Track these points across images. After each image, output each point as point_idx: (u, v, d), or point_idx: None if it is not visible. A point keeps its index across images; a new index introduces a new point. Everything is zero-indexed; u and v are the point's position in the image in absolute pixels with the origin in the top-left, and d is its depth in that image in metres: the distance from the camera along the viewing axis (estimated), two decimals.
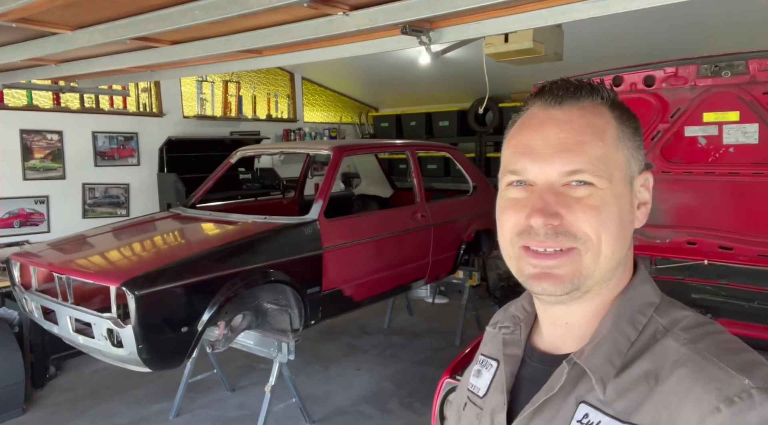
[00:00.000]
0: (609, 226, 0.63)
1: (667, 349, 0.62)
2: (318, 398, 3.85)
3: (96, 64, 2.59)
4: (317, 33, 1.83)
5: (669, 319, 0.65)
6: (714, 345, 0.60)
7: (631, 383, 0.61)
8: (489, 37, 2.58)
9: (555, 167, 0.64)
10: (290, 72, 6.87)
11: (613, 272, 0.66)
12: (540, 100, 0.69)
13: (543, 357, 0.73)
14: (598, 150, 0.64)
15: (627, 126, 0.68)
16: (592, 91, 0.67)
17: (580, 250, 0.63)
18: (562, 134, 0.65)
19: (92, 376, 4.24)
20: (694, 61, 1.73)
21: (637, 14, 3.93)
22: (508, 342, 0.77)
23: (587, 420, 0.62)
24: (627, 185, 0.66)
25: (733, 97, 1.75)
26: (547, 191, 0.64)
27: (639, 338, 0.64)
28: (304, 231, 3.18)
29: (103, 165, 5.05)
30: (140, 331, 2.37)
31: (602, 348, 0.64)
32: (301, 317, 3.15)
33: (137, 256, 2.92)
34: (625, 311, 0.66)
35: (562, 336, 0.71)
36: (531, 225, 0.64)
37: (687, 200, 1.97)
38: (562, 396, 0.66)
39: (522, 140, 0.68)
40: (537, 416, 0.67)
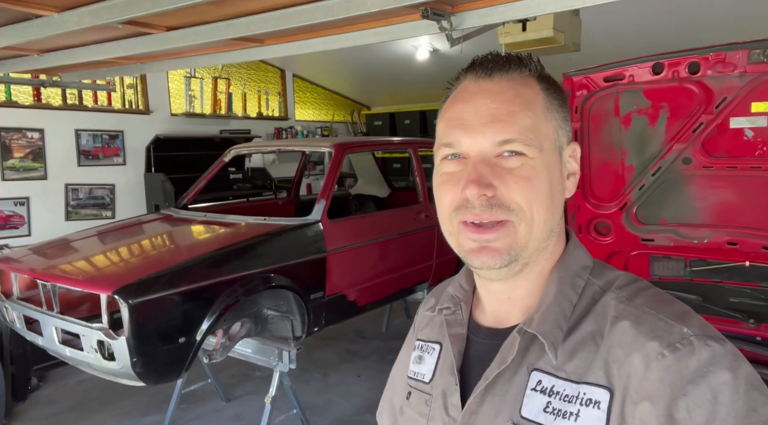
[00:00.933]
0: (540, 196, 0.65)
1: (607, 307, 0.64)
2: (319, 407, 3.68)
3: (83, 54, 2.37)
4: (333, 15, 1.67)
5: (604, 280, 0.68)
6: (649, 299, 0.64)
7: (578, 344, 0.63)
8: (506, 26, 2.43)
9: (487, 137, 0.65)
10: (281, 69, 6.68)
11: (547, 241, 0.68)
12: (471, 74, 0.70)
13: (489, 332, 0.73)
14: (528, 120, 0.65)
15: (554, 97, 0.69)
16: (521, 63, 0.69)
17: (514, 222, 0.64)
18: (493, 104, 0.66)
19: (78, 387, 4.01)
20: (745, 45, 1.60)
21: (646, 10, 3.83)
22: (451, 323, 0.77)
23: (541, 386, 0.64)
24: (556, 155, 0.68)
25: None
26: (480, 162, 0.65)
27: (579, 301, 0.67)
28: (307, 233, 3.00)
29: (86, 165, 4.80)
30: (134, 343, 2.18)
31: (550, 313, 0.66)
32: (304, 324, 2.97)
33: (129, 261, 2.72)
34: (566, 276, 0.69)
35: (506, 309, 0.72)
36: (467, 198, 0.65)
37: (729, 197, 1.85)
38: (513, 367, 0.66)
39: (455, 112, 0.69)
40: (490, 391, 0.67)
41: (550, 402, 0.62)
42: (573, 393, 0.61)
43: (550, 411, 0.62)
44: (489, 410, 0.67)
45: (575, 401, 0.61)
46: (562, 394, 0.62)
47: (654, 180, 2.06)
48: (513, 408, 0.65)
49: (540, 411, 0.63)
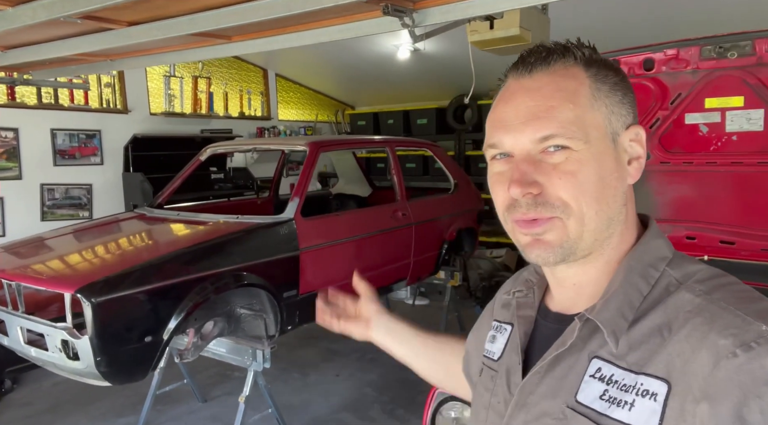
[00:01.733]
0: (587, 188, 0.64)
1: (681, 301, 0.62)
2: (296, 407, 3.66)
3: (46, 50, 2.35)
4: (290, 9, 1.66)
5: (682, 272, 0.65)
6: (730, 294, 0.60)
7: (643, 336, 0.62)
8: (474, 24, 2.44)
9: (527, 135, 0.65)
10: (263, 68, 6.65)
11: (607, 230, 0.66)
12: (514, 72, 0.70)
13: (556, 317, 0.74)
14: (569, 112, 0.64)
15: (603, 82, 0.67)
16: (565, 52, 0.67)
17: (561, 218, 0.64)
18: (531, 102, 0.66)
19: (52, 389, 3.97)
20: (696, 41, 1.62)
21: (619, 8, 3.85)
22: (522, 305, 0.79)
23: (600, 374, 0.63)
24: (608, 143, 0.66)
25: (737, 80, 1.65)
26: (523, 161, 0.65)
27: (651, 292, 0.65)
28: (280, 231, 2.99)
29: (63, 164, 4.75)
30: (98, 342, 2.15)
31: (613, 302, 0.65)
32: (277, 323, 2.96)
33: (96, 260, 2.69)
34: (636, 265, 0.67)
35: (572, 296, 0.72)
36: (514, 197, 0.65)
37: (686, 193, 1.86)
38: (574, 352, 0.66)
39: (497, 113, 0.69)
40: (550, 372, 0.68)
41: (608, 390, 0.62)
42: (631, 382, 0.60)
43: (606, 398, 0.61)
44: (546, 391, 0.67)
45: (632, 391, 0.60)
46: (620, 383, 0.61)
47: None
48: (569, 392, 0.65)
49: (596, 398, 0.62)
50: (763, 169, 1.71)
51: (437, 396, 1.64)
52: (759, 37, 1.53)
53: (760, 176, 1.73)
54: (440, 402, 1.64)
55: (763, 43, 1.53)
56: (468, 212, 4.60)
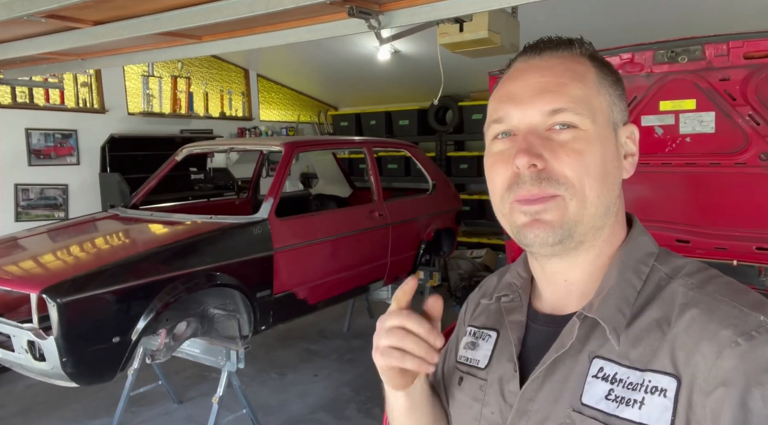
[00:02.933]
0: (592, 169, 0.63)
1: (675, 294, 0.62)
2: (272, 407, 3.66)
3: (12, 49, 2.33)
4: (253, 10, 1.67)
5: (671, 267, 0.66)
6: (721, 286, 0.61)
7: (642, 331, 0.61)
8: (443, 27, 2.47)
9: (537, 108, 0.65)
10: (245, 68, 6.63)
11: (603, 218, 0.66)
12: (522, 56, 0.71)
13: (547, 319, 0.72)
14: (579, 91, 0.65)
15: (607, 74, 0.69)
16: (571, 44, 0.69)
17: (564, 196, 0.63)
18: (542, 78, 0.66)
19: (25, 392, 3.92)
20: (650, 46, 1.66)
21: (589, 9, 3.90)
22: (510, 310, 0.76)
23: (603, 374, 0.62)
24: (611, 130, 0.67)
25: (689, 84, 1.70)
26: (530, 134, 0.64)
27: (644, 287, 0.65)
28: (253, 231, 2.99)
29: (38, 164, 4.70)
30: (64, 343, 2.14)
31: (612, 298, 0.64)
32: (251, 323, 2.96)
33: (65, 260, 2.67)
34: (629, 261, 0.66)
35: (564, 295, 0.71)
36: (517, 173, 0.64)
37: (643, 193, 1.91)
38: (573, 354, 0.65)
39: (505, 89, 0.69)
40: (549, 377, 0.66)
41: (613, 390, 0.60)
42: (637, 380, 0.59)
43: (612, 398, 0.60)
44: (548, 396, 0.65)
45: (640, 389, 0.59)
46: (625, 382, 0.60)
47: None
48: (573, 395, 0.63)
49: (601, 398, 0.61)
50: (714, 170, 1.76)
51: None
52: (708, 42, 1.58)
53: (712, 177, 1.78)
54: None
55: (713, 47, 1.58)
56: (446, 212, 4.63)
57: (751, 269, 1.80)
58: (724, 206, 1.81)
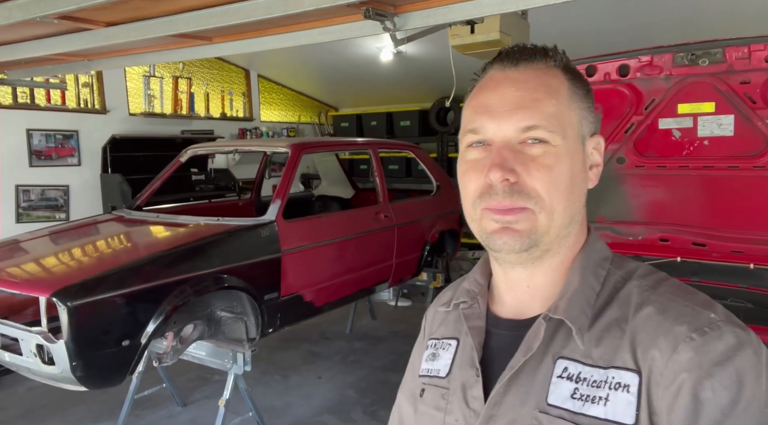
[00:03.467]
0: (560, 184, 0.66)
1: (630, 295, 0.66)
2: (277, 410, 3.64)
3: (22, 50, 2.30)
4: (270, 13, 1.66)
5: (625, 270, 0.70)
6: (671, 288, 0.66)
7: (603, 331, 0.64)
8: (455, 28, 2.46)
9: (512, 123, 0.66)
10: (245, 69, 6.61)
11: (568, 228, 0.69)
12: (497, 64, 0.71)
13: (510, 324, 0.73)
14: (552, 108, 0.66)
15: (579, 88, 0.70)
16: (546, 54, 0.70)
17: (534, 210, 0.65)
18: (518, 92, 0.67)
19: (27, 394, 3.89)
20: (669, 49, 1.66)
21: (597, 13, 3.91)
22: (469, 316, 0.77)
23: (567, 373, 0.64)
24: (579, 144, 0.69)
25: (708, 87, 1.69)
26: (504, 148, 0.66)
27: (602, 290, 0.68)
28: (261, 233, 2.97)
29: (39, 165, 4.66)
30: (74, 346, 2.12)
31: (576, 300, 0.67)
32: (258, 326, 2.94)
33: (73, 263, 2.65)
34: (588, 265, 0.70)
35: (526, 299, 0.72)
36: (490, 184, 0.66)
37: (660, 196, 1.91)
38: (537, 356, 0.67)
39: (481, 100, 0.70)
40: (515, 381, 0.67)
41: (578, 389, 0.62)
42: (601, 378, 0.61)
43: (577, 397, 0.62)
44: (513, 400, 0.67)
45: (604, 386, 0.61)
46: (589, 380, 0.62)
47: None
48: (539, 396, 0.65)
49: (567, 397, 0.63)
50: (732, 173, 1.76)
51: None
52: (729, 44, 1.58)
53: (730, 180, 1.78)
54: None
55: (734, 50, 1.58)
56: (450, 213, 4.63)
57: (767, 273, 1.81)
58: (742, 209, 1.81)
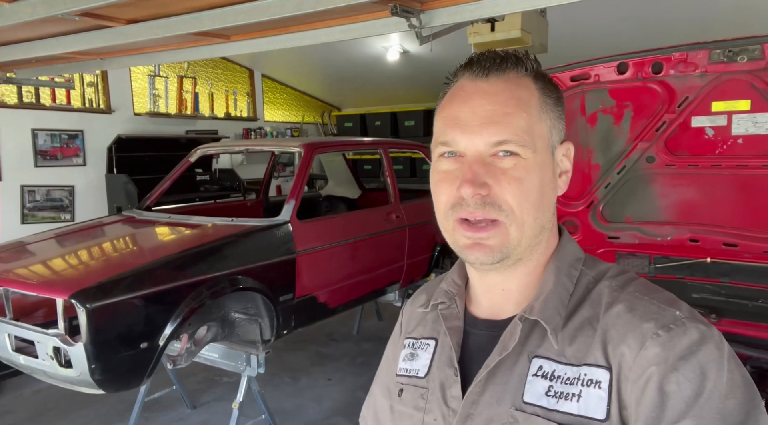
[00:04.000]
0: (531, 196, 0.67)
1: (601, 295, 0.68)
2: (288, 412, 3.61)
3: (39, 48, 2.26)
4: (300, 9, 1.63)
5: (596, 271, 0.72)
6: (639, 287, 0.68)
7: (576, 330, 0.66)
8: (475, 26, 2.44)
9: (483, 138, 0.67)
10: (249, 69, 6.58)
11: (539, 237, 0.71)
12: (468, 72, 0.70)
13: (486, 324, 0.75)
14: (522, 121, 0.67)
15: (549, 97, 0.71)
16: (517, 62, 0.69)
17: (505, 222, 0.67)
18: (489, 106, 0.67)
19: (34, 397, 3.84)
20: (706, 45, 1.64)
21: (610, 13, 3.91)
22: (447, 316, 0.79)
23: (542, 372, 0.66)
24: (549, 154, 0.70)
25: (745, 84, 1.67)
26: (475, 162, 0.67)
27: (575, 290, 0.70)
28: (276, 234, 2.94)
29: (44, 165, 4.61)
30: (92, 349, 2.08)
31: (551, 301, 0.69)
32: (273, 327, 2.91)
33: (88, 264, 2.61)
34: (562, 267, 0.72)
35: (501, 301, 0.74)
36: (462, 197, 0.66)
37: (691, 195, 1.89)
38: (513, 355, 0.68)
39: (452, 111, 0.70)
40: (491, 380, 0.69)
41: (552, 386, 0.64)
42: (574, 375, 0.64)
43: (552, 394, 0.64)
44: (490, 398, 0.68)
45: (576, 382, 0.63)
46: (563, 378, 0.64)
47: (619, 179, 2.09)
48: (515, 395, 0.67)
49: (542, 395, 0.65)
50: (767, 172, 1.74)
51: None
52: None
53: (764, 179, 1.76)
54: None
55: None
56: None
57: None
58: None
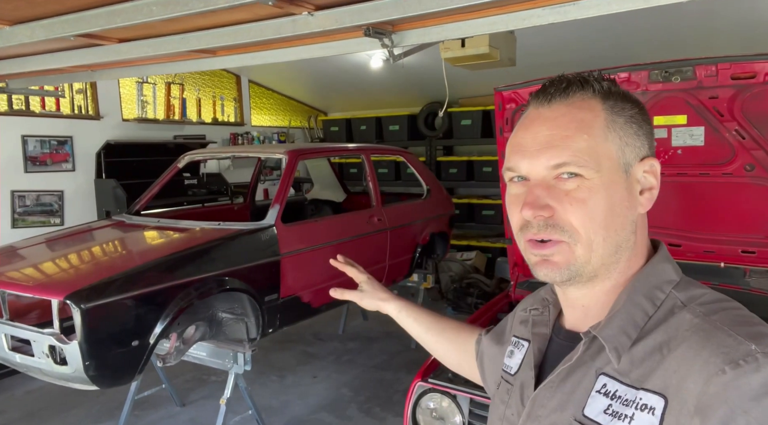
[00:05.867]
0: (597, 216, 0.67)
1: (681, 321, 0.65)
2: (274, 409, 3.74)
3: (33, 63, 2.38)
4: (280, 33, 1.78)
5: (687, 295, 0.69)
6: (727, 317, 0.63)
7: (645, 353, 0.65)
8: (447, 43, 2.61)
9: (542, 162, 0.69)
10: (237, 74, 6.69)
11: (615, 256, 0.70)
12: (535, 101, 0.74)
13: (567, 335, 0.78)
14: (583, 143, 0.68)
15: (619, 115, 0.70)
16: (583, 85, 0.71)
17: (569, 243, 0.68)
18: (548, 131, 0.70)
19: (26, 397, 3.93)
20: (645, 67, 1.82)
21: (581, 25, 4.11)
22: (537, 323, 0.84)
23: (605, 390, 0.67)
24: (620, 173, 0.69)
25: (681, 101, 1.86)
26: (537, 186, 0.69)
27: (657, 312, 0.68)
28: (261, 237, 3.09)
29: (34, 171, 4.70)
30: (87, 347, 2.21)
31: (616, 320, 0.68)
32: (259, 326, 3.05)
33: (81, 267, 2.73)
34: (641, 287, 0.70)
35: (581, 316, 0.76)
36: (527, 219, 0.70)
37: None
38: (583, 368, 0.70)
39: (516, 138, 0.74)
40: (561, 387, 0.72)
41: (611, 405, 0.65)
42: (632, 397, 0.64)
43: (609, 412, 0.65)
44: (556, 404, 0.71)
45: (632, 405, 0.63)
46: (622, 398, 0.64)
47: None
48: (578, 406, 0.69)
49: (600, 412, 0.66)
50: (704, 179, 1.93)
51: (417, 388, 1.78)
52: (699, 63, 1.74)
53: (701, 186, 1.95)
54: (420, 394, 1.78)
55: (703, 68, 1.74)
56: (440, 216, 4.77)
57: (736, 271, 1.98)
58: (713, 212, 1.98)
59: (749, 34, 4.00)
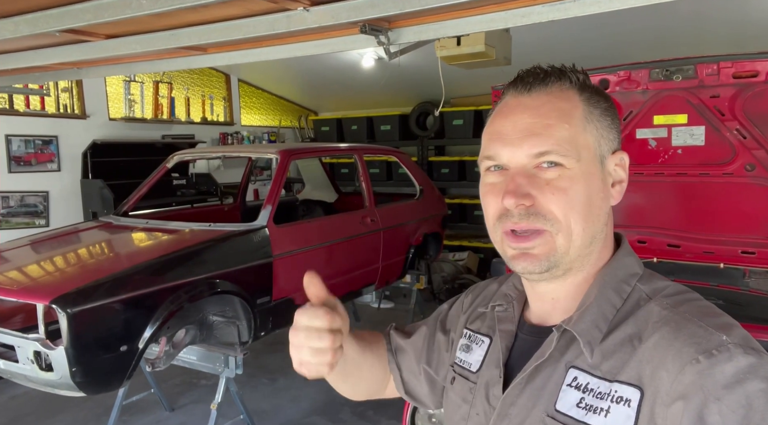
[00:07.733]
0: (577, 205, 0.67)
1: (650, 313, 0.66)
2: (266, 413, 3.69)
3: (16, 60, 2.30)
4: (274, 29, 1.73)
5: (652, 288, 0.70)
6: (694, 308, 0.65)
7: (616, 345, 0.65)
8: (442, 41, 2.57)
9: (524, 150, 0.68)
10: (226, 73, 6.61)
11: (589, 247, 0.70)
12: (513, 89, 0.73)
13: (532, 330, 0.76)
14: (564, 132, 0.67)
15: (596, 107, 0.70)
16: (561, 76, 0.70)
17: (551, 232, 0.67)
18: (529, 119, 0.68)
19: (11, 403, 3.83)
20: (646, 65, 1.80)
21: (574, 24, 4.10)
22: (502, 319, 0.81)
23: (576, 383, 0.67)
24: (597, 164, 0.69)
25: (681, 100, 1.84)
26: (518, 174, 0.68)
27: (624, 305, 0.69)
28: (253, 238, 3.03)
29: (18, 171, 4.60)
30: (73, 352, 2.14)
31: (588, 314, 0.68)
32: (251, 329, 3.00)
33: (67, 270, 2.65)
34: (610, 280, 0.70)
35: (549, 309, 0.75)
36: (507, 208, 0.68)
37: (638, 201, 2.05)
38: (552, 362, 0.69)
39: (495, 126, 0.72)
40: (530, 383, 0.71)
41: (584, 398, 0.65)
42: (605, 390, 0.63)
43: (582, 406, 0.65)
44: (526, 402, 0.70)
45: (607, 398, 0.63)
46: (595, 391, 0.64)
47: None
48: (549, 401, 0.68)
49: (573, 405, 0.66)
50: (704, 179, 1.91)
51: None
52: (700, 62, 1.72)
53: (701, 186, 1.93)
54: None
55: (704, 67, 1.72)
56: (433, 217, 4.74)
57: (736, 272, 1.96)
58: (712, 213, 1.97)
59: (739, 34, 4.02)
